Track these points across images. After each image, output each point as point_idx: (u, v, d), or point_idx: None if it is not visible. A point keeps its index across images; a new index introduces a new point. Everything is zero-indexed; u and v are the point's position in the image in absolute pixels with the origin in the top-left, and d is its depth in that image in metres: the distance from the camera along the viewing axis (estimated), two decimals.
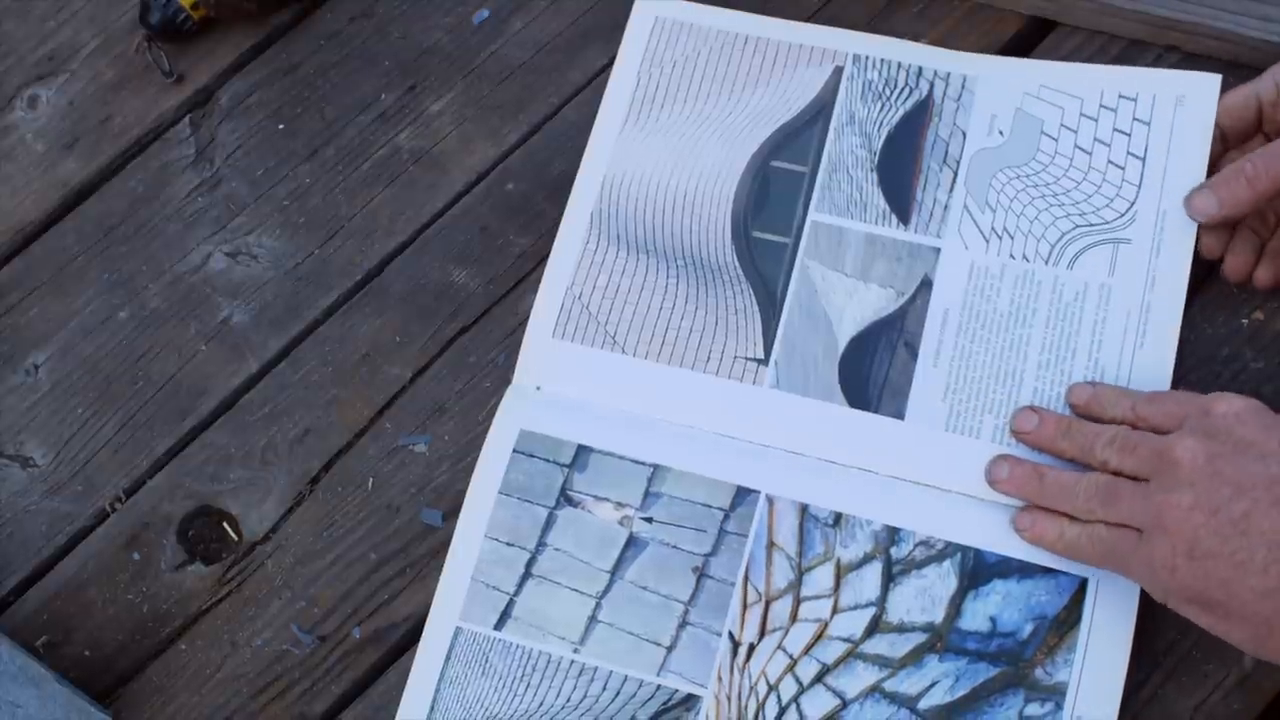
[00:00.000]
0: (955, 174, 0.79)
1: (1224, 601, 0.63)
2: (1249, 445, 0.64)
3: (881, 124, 0.80)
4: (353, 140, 0.85)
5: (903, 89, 0.81)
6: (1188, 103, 0.78)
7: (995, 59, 0.81)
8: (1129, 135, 0.78)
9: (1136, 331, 0.75)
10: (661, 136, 0.82)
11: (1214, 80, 0.78)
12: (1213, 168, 0.76)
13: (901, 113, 0.80)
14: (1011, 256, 0.77)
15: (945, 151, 0.79)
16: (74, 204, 0.85)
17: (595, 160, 0.82)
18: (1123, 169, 0.78)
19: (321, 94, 0.86)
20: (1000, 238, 0.77)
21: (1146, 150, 0.78)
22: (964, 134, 0.79)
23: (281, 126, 0.86)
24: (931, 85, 0.81)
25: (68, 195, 0.85)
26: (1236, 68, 0.80)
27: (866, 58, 0.82)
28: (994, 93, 0.80)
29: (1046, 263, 0.76)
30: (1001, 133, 0.79)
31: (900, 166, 0.79)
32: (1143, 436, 0.68)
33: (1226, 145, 0.77)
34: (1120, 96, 0.79)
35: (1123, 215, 0.77)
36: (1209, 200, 0.73)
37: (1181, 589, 0.64)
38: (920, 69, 0.81)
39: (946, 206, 0.78)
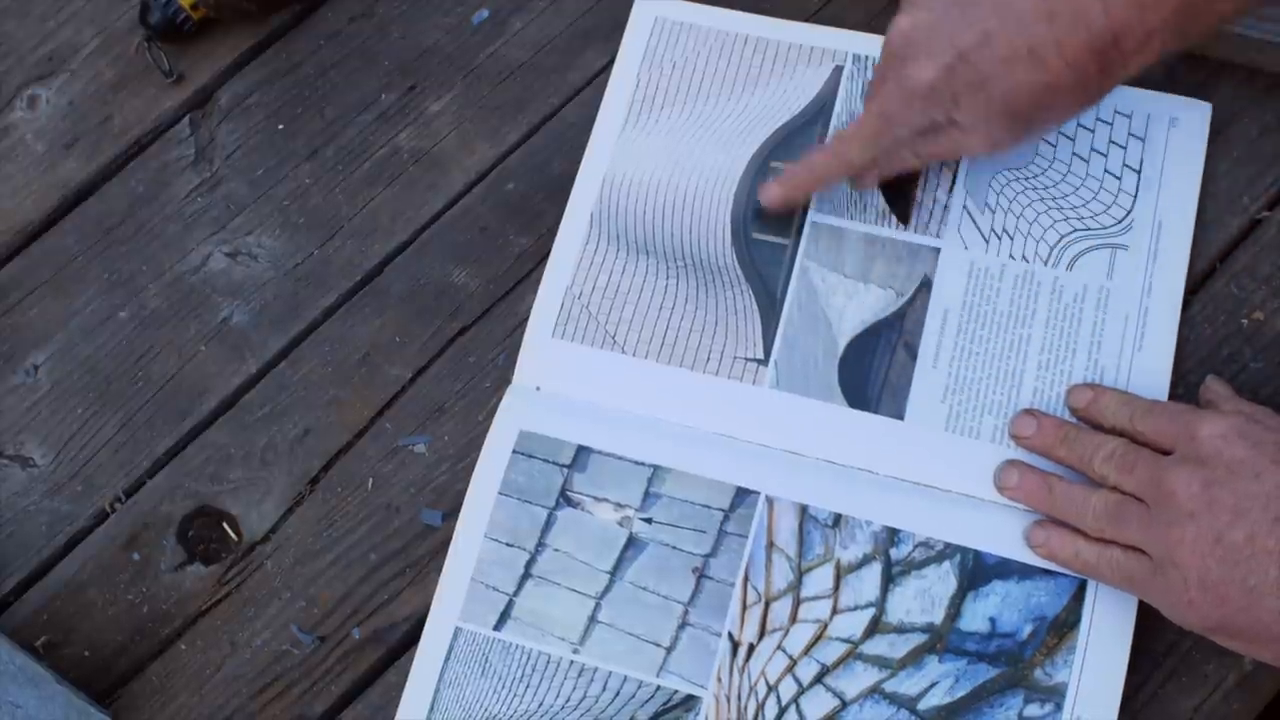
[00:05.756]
0: (955, 175, 0.79)
1: (1246, 627, 0.63)
2: (1241, 465, 0.64)
3: None
4: (353, 140, 0.85)
5: None
6: (1180, 125, 0.79)
7: None
8: (1124, 149, 0.78)
9: (1135, 335, 0.75)
10: (661, 137, 0.82)
11: (1205, 108, 0.79)
12: None
13: None
14: (1011, 257, 0.77)
15: None
16: (74, 204, 0.85)
17: (595, 160, 0.82)
18: (1119, 179, 0.78)
19: (321, 94, 0.86)
20: (1000, 238, 0.77)
21: (1142, 164, 0.78)
22: None
23: (281, 126, 0.86)
24: None
25: (68, 195, 0.85)
26: (1235, 67, 0.80)
27: (866, 57, 0.82)
28: None
29: (1046, 264, 0.76)
30: None
31: None
32: (1140, 455, 0.68)
33: None
34: (1116, 112, 0.79)
35: (1120, 222, 0.77)
36: (772, 192, 0.76)
37: (1201, 619, 0.64)
38: None
39: (946, 207, 0.78)
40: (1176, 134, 0.78)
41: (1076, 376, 0.74)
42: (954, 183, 0.79)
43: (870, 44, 0.82)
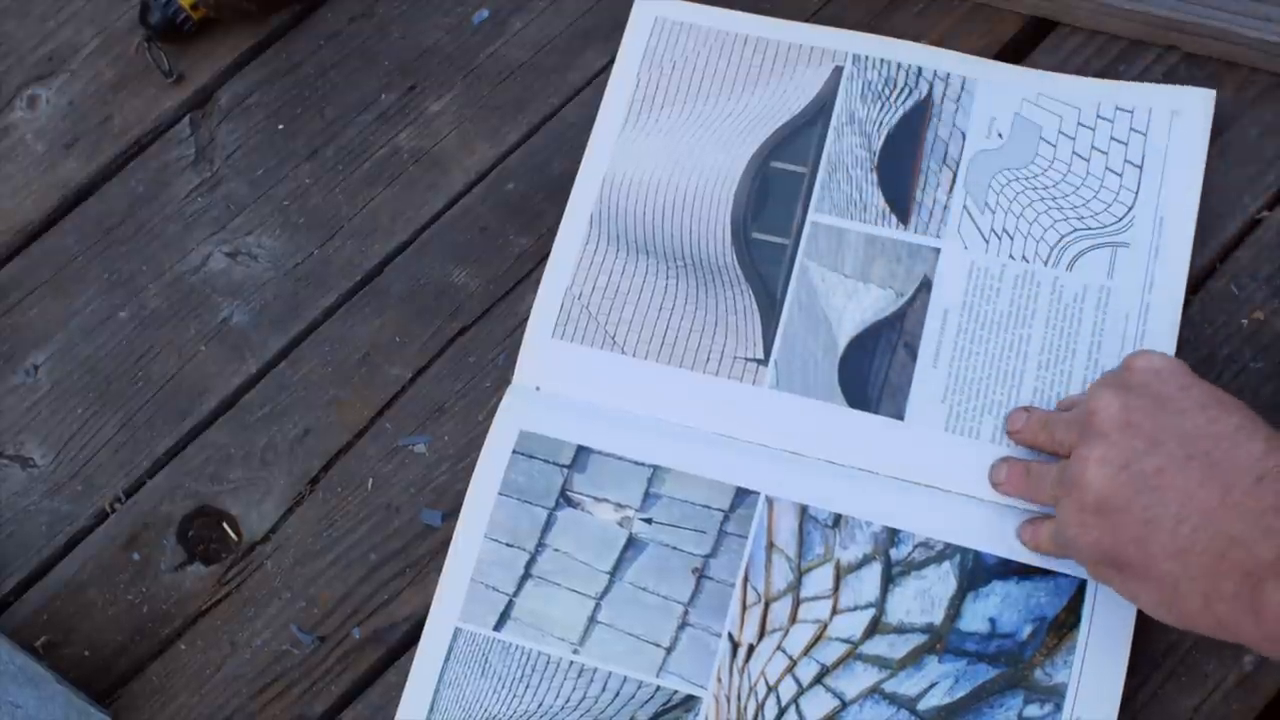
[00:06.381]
0: (955, 175, 0.79)
1: (1134, 561, 0.62)
2: (1165, 400, 0.63)
3: (881, 124, 0.80)
4: (353, 140, 0.85)
5: (902, 89, 0.81)
6: (1184, 115, 0.78)
7: (994, 65, 0.81)
8: (1125, 145, 0.78)
9: (1136, 333, 0.75)
10: (661, 137, 0.82)
11: (1208, 95, 0.79)
12: None
13: (901, 113, 0.80)
14: (1011, 257, 0.77)
15: (945, 152, 0.79)
16: (74, 204, 0.85)
17: (595, 160, 0.82)
18: (1120, 176, 0.78)
19: (321, 94, 0.86)
20: (1000, 238, 0.77)
21: (1144, 159, 0.78)
22: (963, 135, 0.79)
23: (281, 126, 0.86)
24: (931, 86, 0.81)
25: (68, 195, 0.85)
26: (1235, 67, 0.80)
27: (866, 58, 0.82)
28: (993, 96, 0.80)
29: (1046, 264, 0.76)
30: (1000, 135, 0.79)
31: (900, 167, 0.79)
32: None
33: None
34: (1117, 109, 0.79)
35: (1121, 220, 0.77)
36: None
37: (1092, 546, 0.63)
38: (920, 69, 0.81)
39: (946, 207, 0.78)
40: (1179, 125, 0.78)
41: (1076, 376, 0.74)
42: (954, 183, 0.79)
43: (870, 44, 0.82)
